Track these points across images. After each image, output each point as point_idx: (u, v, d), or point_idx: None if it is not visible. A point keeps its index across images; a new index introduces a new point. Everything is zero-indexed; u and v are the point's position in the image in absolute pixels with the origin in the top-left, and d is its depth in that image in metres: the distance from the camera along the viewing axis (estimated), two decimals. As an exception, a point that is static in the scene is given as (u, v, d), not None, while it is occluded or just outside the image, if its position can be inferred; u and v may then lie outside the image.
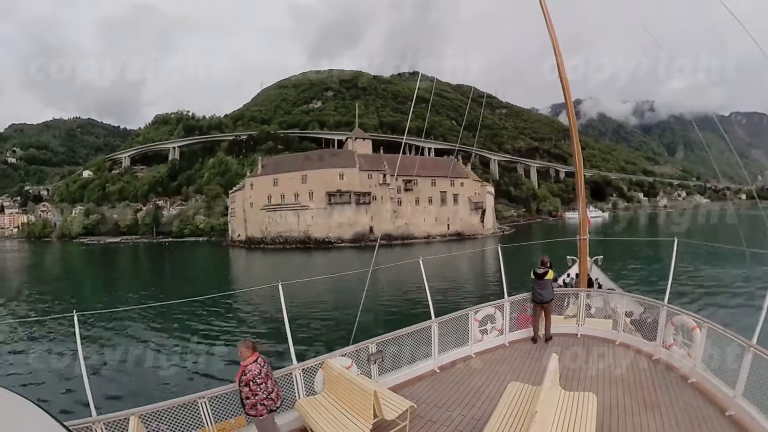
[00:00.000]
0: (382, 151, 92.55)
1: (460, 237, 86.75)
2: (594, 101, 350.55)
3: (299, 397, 6.10)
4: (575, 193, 13.42)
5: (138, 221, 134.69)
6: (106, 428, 4.84)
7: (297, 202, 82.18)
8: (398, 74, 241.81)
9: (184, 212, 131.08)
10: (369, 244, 76.38)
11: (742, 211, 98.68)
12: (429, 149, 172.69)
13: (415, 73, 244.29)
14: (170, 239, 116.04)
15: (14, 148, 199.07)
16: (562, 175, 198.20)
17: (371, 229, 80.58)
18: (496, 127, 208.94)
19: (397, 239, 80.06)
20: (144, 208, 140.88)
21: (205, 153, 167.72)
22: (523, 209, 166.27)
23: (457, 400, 6.34)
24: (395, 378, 7.07)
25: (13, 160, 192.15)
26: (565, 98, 11.18)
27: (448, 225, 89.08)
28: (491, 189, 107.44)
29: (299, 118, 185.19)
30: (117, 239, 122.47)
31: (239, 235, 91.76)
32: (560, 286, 11.96)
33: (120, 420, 4.86)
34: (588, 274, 11.50)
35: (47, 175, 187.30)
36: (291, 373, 6.13)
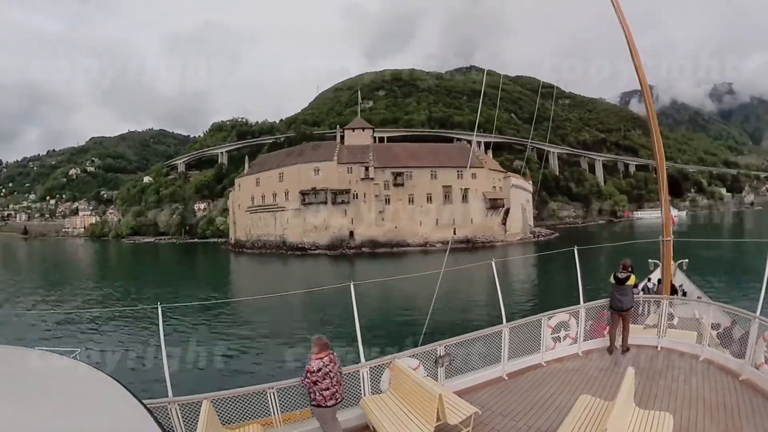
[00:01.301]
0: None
1: (470, 244, 68.26)
2: (666, 86, 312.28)
3: (364, 395, 6.14)
4: (657, 189, 11.75)
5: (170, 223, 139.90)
6: (180, 409, 5.25)
7: (275, 203, 72.93)
8: (455, 69, 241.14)
9: (209, 214, 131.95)
10: (345, 252, 64.69)
11: None
12: (480, 143, 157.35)
13: (471, 68, 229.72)
14: (195, 240, 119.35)
15: (93, 159, 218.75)
16: (631, 169, 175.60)
17: (351, 234, 67.67)
18: (558, 119, 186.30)
19: (384, 246, 66.24)
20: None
21: (251, 156, 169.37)
22: (583, 209, 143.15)
23: (523, 409, 6.07)
24: (462, 382, 6.91)
25: (92, 169, 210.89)
26: (639, 80, 9.64)
27: (455, 229, 69.80)
28: (523, 182, 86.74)
29: (348, 118, 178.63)
30: (152, 239, 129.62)
31: (231, 237, 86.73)
32: (640, 293, 10.32)
33: (193, 403, 5.25)
34: (671, 280, 10.34)
35: (122, 181, 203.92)
36: (358, 371, 6.19)
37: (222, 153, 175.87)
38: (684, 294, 11.77)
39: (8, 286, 44.53)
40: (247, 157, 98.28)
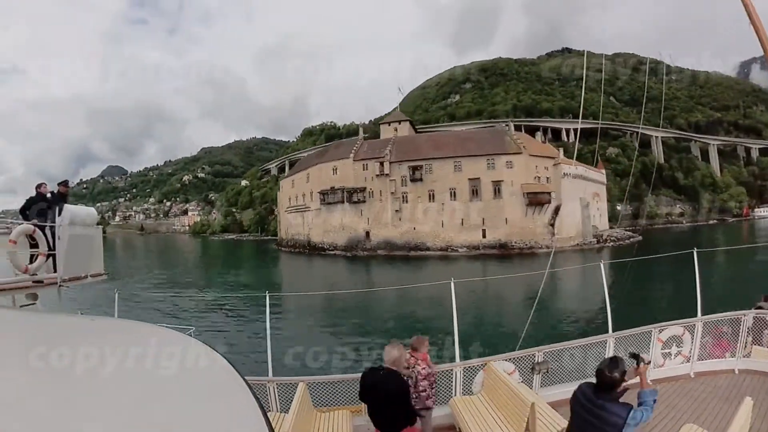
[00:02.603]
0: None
1: (504, 251, 57.96)
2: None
3: (455, 395, 6.11)
4: None
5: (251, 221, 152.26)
6: (277, 388, 5.82)
7: (303, 204, 73.24)
8: (547, 54, 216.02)
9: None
10: (359, 255, 61.89)
11: None
12: (568, 130, 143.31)
13: (564, 50, 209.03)
14: (267, 237, 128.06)
15: (204, 166, 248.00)
16: (754, 155, 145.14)
17: (368, 235, 63.85)
18: (665, 98, 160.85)
19: (401, 249, 60.85)
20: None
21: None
22: (692, 204, 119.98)
23: None
24: (557, 393, 6.32)
25: (202, 175, 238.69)
26: (761, 41, 7.27)
27: (484, 231, 60.36)
28: (588, 171, 71.06)
29: (435, 114, 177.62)
30: (234, 236, 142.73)
31: (279, 236, 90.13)
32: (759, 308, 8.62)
33: (290, 384, 5.73)
34: None
35: (227, 185, 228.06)
36: (452, 370, 6.20)
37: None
38: None
39: (128, 269, 55.60)
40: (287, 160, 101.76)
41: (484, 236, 60.22)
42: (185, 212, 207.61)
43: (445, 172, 61.90)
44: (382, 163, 63.24)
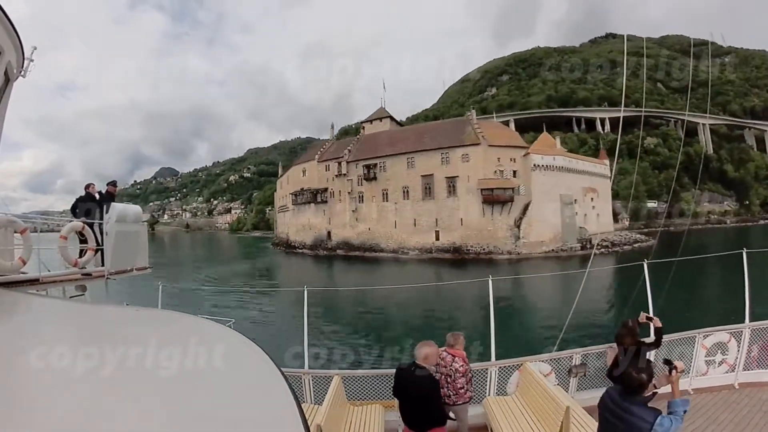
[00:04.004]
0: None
1: (458, 255, 52.81)
2: None
3: (489, 395, 6.09)
4: None
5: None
6: (312, 380, 5.93)
7: (284, 204, 76.08)
8: (589, 41, 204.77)
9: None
10: (320, 254, 62.90)
11: None
12: (603, 120, 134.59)
13: (608, 36, 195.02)
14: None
15: (249, 166, 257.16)
16: None
17: (329, 235, 64.50)
18: (717, 83, 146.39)
19: (358, 250, 60.36)
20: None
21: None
22: (738, 202, 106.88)
23: None
24: (594, 397, 5.59)
25: (248, 175, 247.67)
26: None
27: (438, 233, 55.98)
28: (566, 160, 60.23)
29: (469, 108, 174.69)
30: (259, 233, 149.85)
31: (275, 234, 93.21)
32: None
33: (326, 377, 5.87)
34: None
35: (269, 184, 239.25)
36: (487, 369, 6.16)
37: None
38: None
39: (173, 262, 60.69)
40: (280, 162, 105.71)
41: (437, 238, 55.93)
42: (229, 210, 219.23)
43: (397, 170, 59.09)
44: (339, 164, 63.26)
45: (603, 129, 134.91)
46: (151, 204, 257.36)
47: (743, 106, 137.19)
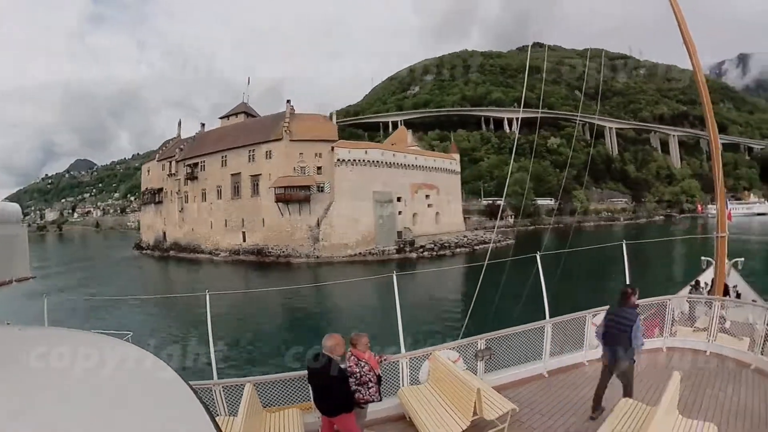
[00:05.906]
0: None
1: (261, 257, 50.43)
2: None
3: (403, 385, 6.14)
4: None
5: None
6: (224, 391, 5.52)
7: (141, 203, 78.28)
8: (517, 48, 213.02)
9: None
10: (154, 255, 63.61)
11: None
12: (511, 120, 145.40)
13: (534, 45, 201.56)
14: None
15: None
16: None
17: (164, 235, 65.24)
18: (630, 92, 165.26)
19: (185, 250, 60.08)
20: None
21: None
22: (635, 201, 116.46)
23: (562, 409, 5.91)
24: (501, 377, 6.80)
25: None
26: (684, 39, 9.62)
27: (245, 234, 54.20)
28: (388, 154, 56.14)
29: (389, 106, 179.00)
30: None
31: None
32: (692, 292, 10.66)
33: (237, 385, 5.50)
34: (725, 281, 10.17)
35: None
36: (398, 361, 6.20)
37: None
38: (738, 296, 10.79)
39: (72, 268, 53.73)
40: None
41: (244, 240, 54.25)
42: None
43: (214, 169, 58.31)
44: (170, 163, 63.87)
45: (510, 128, 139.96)
46: (63, 201, 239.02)
47: (653, 113, 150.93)
